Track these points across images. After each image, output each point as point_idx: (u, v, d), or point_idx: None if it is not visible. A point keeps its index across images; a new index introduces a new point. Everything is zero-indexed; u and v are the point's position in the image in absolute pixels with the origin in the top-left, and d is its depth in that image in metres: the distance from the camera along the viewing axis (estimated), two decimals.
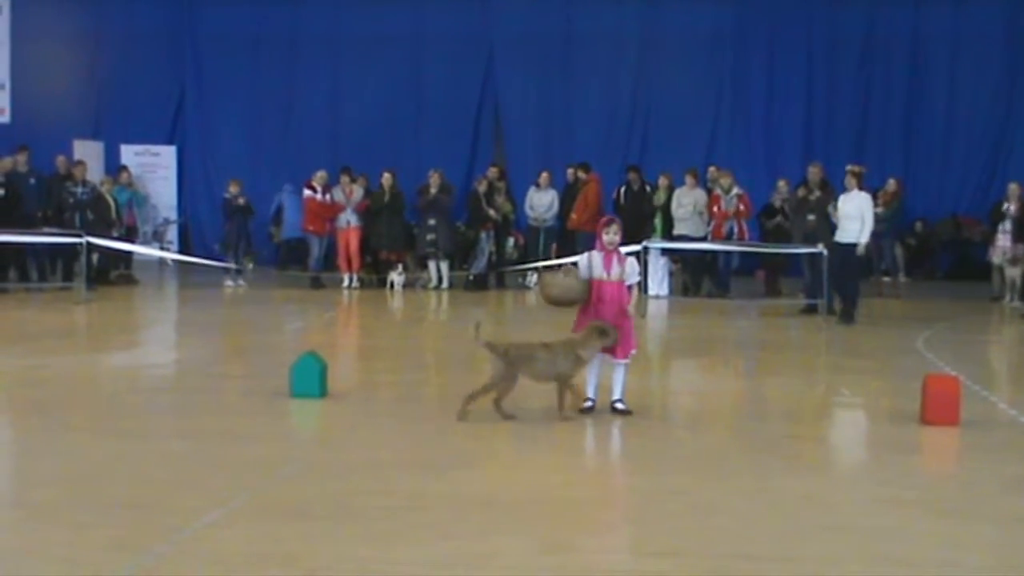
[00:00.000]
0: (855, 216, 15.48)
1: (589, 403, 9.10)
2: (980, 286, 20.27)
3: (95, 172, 22.47)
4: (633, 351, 9.16)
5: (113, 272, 20.55)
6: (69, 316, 16.30)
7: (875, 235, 18.87)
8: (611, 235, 9.11)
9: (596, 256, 9.07)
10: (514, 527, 6.14)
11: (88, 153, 23.66)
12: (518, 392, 10.90)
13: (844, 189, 15.84)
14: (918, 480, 7.60)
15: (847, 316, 15.68)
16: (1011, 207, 19.03)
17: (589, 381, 9.13)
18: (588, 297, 8.96)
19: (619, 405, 9.07)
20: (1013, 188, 19.35)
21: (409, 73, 25.56)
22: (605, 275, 9.02)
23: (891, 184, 20.29)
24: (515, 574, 5.45)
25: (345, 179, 20.53)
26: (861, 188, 15.77)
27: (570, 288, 8.94)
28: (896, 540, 6.08)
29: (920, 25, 24.62)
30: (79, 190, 19.62)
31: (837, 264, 15.72)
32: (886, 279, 20.48)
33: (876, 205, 19.02)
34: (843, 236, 15.58)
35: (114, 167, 23.57)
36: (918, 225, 23.71)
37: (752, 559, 5.71)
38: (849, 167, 16.16)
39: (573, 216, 20.44)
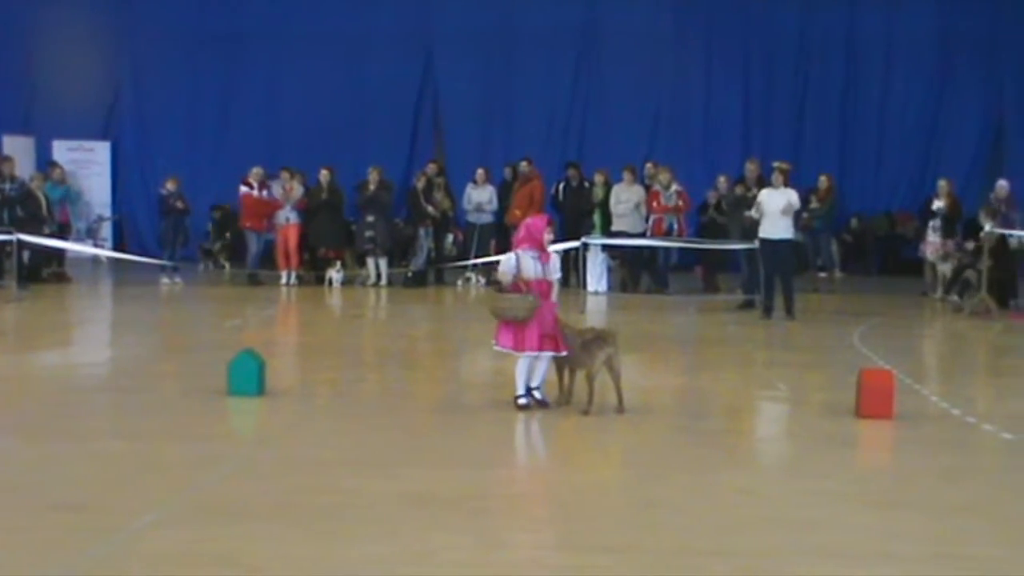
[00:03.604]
0: (786, 212, 15.59)
1: (524, 400, 9.09)
2: (913, 281, 20.54)
3: (26, 168, 22.09)
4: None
5: (45, 270, 20.21)
6: None
7: (812, 231, 19.09)
8: (550, 235, 9.18)
9: (526, 256, 9.04)
10: (454, 524, 6.14)
11: (19, 149, 23.26)
12: (457, 387, 10.93)
13: (771, 185, 15.96)
14: (854, 473, 7.70)
15: (790, 310, 15.78)
16: (940, 204, 19.27)
17: (529, 377, 9.11)
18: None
19: (537, 394, 9.10)
20: (943, 185, 19.60)
21: (348, 69, 25.43)
22: (540, 274, 9.03)
23: (823, 181, 20.50)
24: (456, 571, 5.45)
25: (285, 176, 20.40)
26: (787, 185, 15.89)
27: (524, 310, 8.87)
28: (833, 532, 6.15)
29: (854, 26, 24.95)
30: (7, 186, 19.31)
31: (771, 260, 15.79)
32: (822, 275, 20.68)
33: (811, 201, 19.23)
34: (774, 232, 15.66)
35: (46, 163, 23.22)
36: (853, 221, 23.99)
37: (691, 553, 5.75)
38: (777, 164, 16.27)
39: (517, 212, 20.41)
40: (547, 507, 6.74)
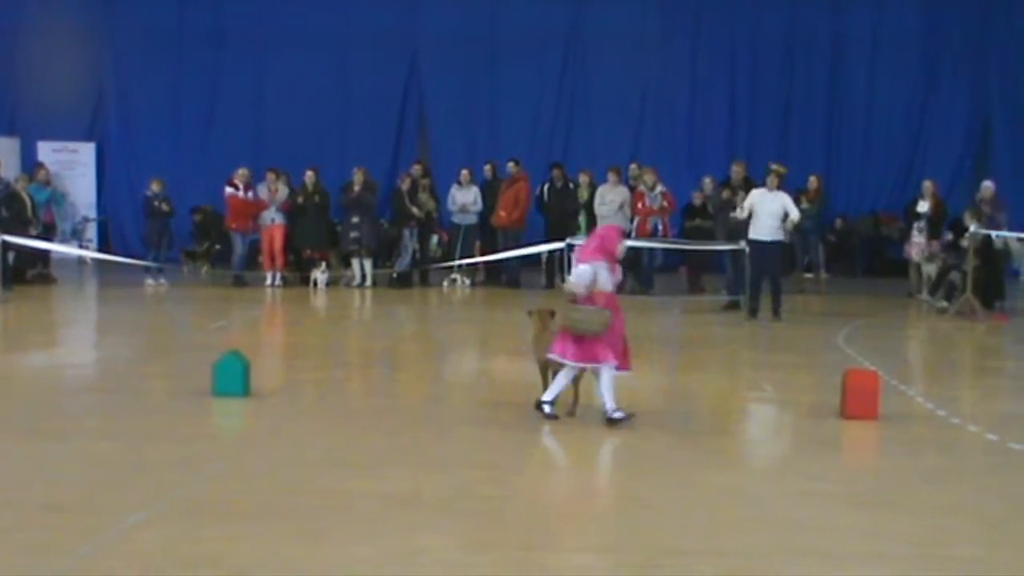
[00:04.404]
0: (778, 215, 15.62)
1: (620, 414, 8.74)
2: (898, 282, 20.59)
3: (11, 169, 22.02)
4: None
5: (30, 271, 20.14)
6: None
7: (800, 232, 19.13)
8: (624, 246, 8.99)
9: (602, 269, 8.75)
10: (441, 524, 6.14)
11: (3, 150, 23.17)
12: (442, 388, 10.93)
13: (765, 186, 15.95)
14: (840, 473, 7.71)
15: (777, 311, 15.79)
16: (925, 205, 19.32)
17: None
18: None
19: (618, 415, 8.72)
20: (927, 186, 19.65)
21: (333, 70, 25.38)
22: (610, 286, 8.83)
23: (812, 181, 20.55)
24: (442, 572, 5.45)
25: (271, 177, 20.35)
26: (780, 188, 15.93)
27: (599, 324, 8.66)
28: (818, 532, 6.16)
29: (840, 27, 24.99)
30: None
31: (760, 261, 15.81)
32: (808, 275, 20.72)
33: (801, 202, 19.28)
34: (764, 234, 15.68)
35: (31, 164, 23.15)
36: (839, 222, 24.02)
37: (680, 554, 5.75)
38: (775, 167, 16.29)
39: (502, 214, 20.41)
40: (533, 508, 6.73)
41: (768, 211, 15.62)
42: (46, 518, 6.15)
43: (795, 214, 15.84)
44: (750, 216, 15.90)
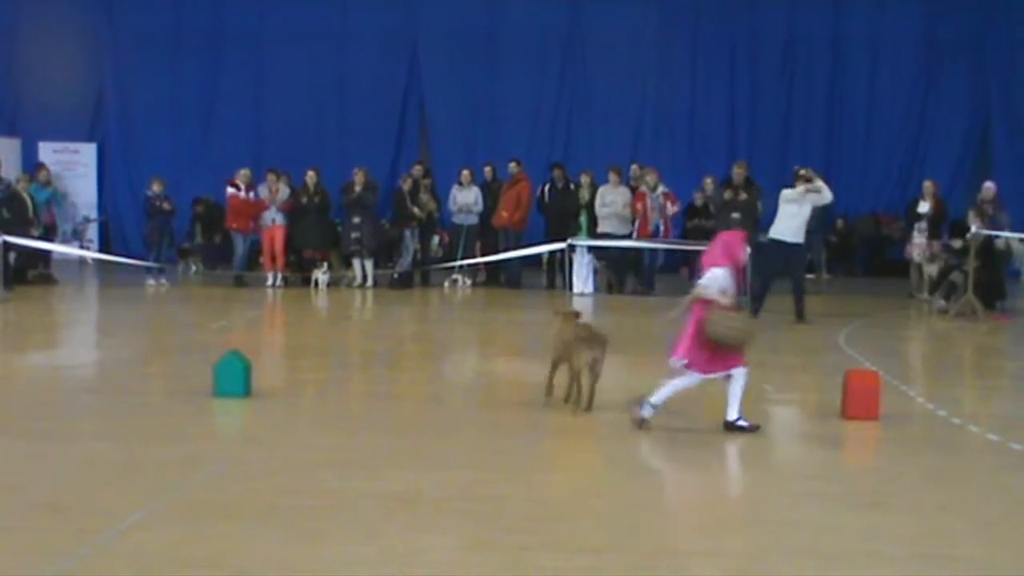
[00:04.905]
0: (805, 216, 15.62)
1: (647, 413, 8.67)
2: (898, 282, 20.57)
3: (12, 170, 22.03)
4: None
5: (31, 272, 20.15)
6: None
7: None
8: (746, 253, 8.91)
9: (728, 274, 8.65)
10: (439, 525, 6.13)
11: (4, 150, 23.17)
12: (443, 389, 10.92)
13: (791, 187, 15.92)
14: (840, 474, 7.72)
15: (801, 314, 15.77)
16: (926, 205, 19.31)
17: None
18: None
19: (743, 422, 8.69)
20: (928, 186, 19.65)
21: (333, 70, 25.42)
22: (733, 291, 8.74)
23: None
24: (441, 572, 5.45)
25: (272, 177, 20.35)
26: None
27: (749, 335, 8.65)
28: (818, 532, 6.16)
29: (840, 27, 25.00)
30: None
31: (774, 261, 15.81)
32: (810, 275, 20.72)
33: None
34: (788, 235, 15.62)
35: (32, 165, 23.16)
36: (839, 222, 24.03)
37: (679, 554, 5.75)
38: (803, 172, 16.31)
39: (503, 214, 20.39)
40: (532, 508, 6.71)
41: (794, 213, 15.60)
42: (46, 518, 6.15)
43: (828, 197, 15.87)
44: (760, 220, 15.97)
